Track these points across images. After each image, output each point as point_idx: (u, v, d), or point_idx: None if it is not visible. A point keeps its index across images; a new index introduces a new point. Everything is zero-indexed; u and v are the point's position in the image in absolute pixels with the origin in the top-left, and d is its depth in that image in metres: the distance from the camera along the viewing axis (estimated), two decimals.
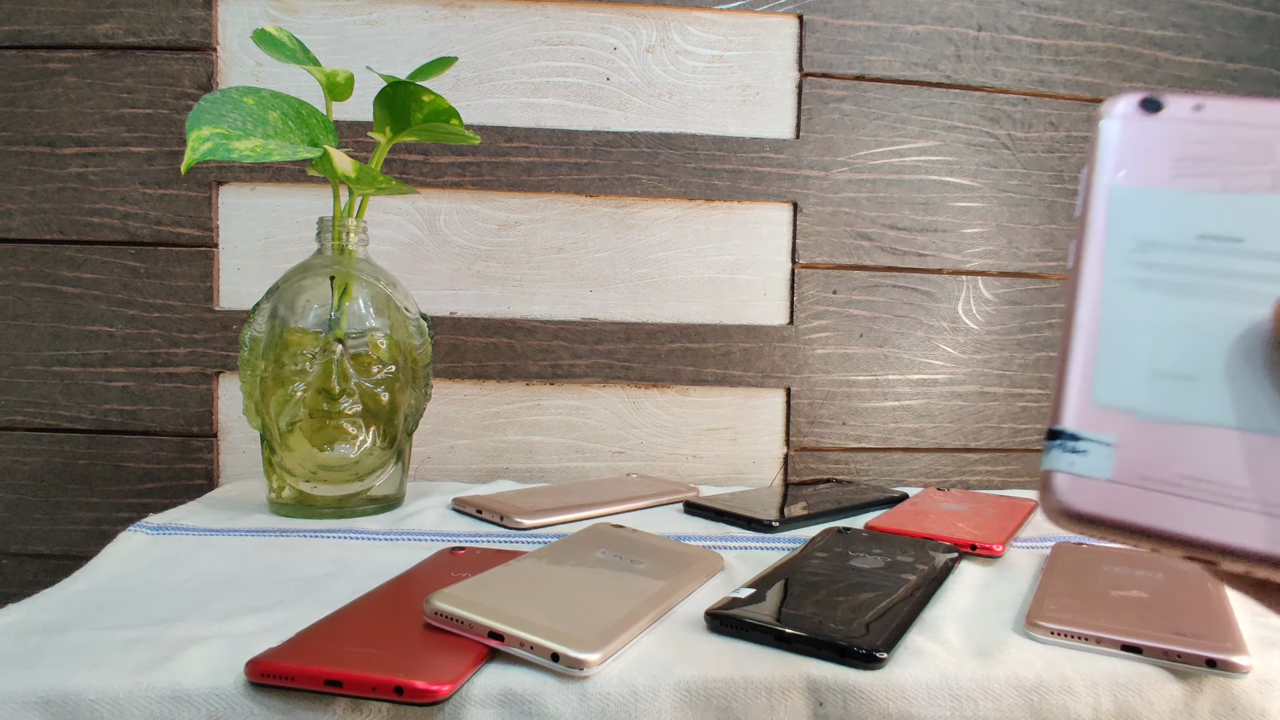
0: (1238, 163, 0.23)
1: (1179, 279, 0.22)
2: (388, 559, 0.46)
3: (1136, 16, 0.79)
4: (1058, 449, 0.21)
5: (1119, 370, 0.21)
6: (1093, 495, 0.20)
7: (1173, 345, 0.21)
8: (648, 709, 0.31)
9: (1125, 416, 0.21)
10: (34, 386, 0.72)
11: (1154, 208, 0.23)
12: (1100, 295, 0.22)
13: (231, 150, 0.46)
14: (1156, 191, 0.23)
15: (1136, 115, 0.24)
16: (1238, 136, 0.23)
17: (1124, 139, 0.24)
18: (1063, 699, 0.33)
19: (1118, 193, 0.23)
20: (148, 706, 0.30)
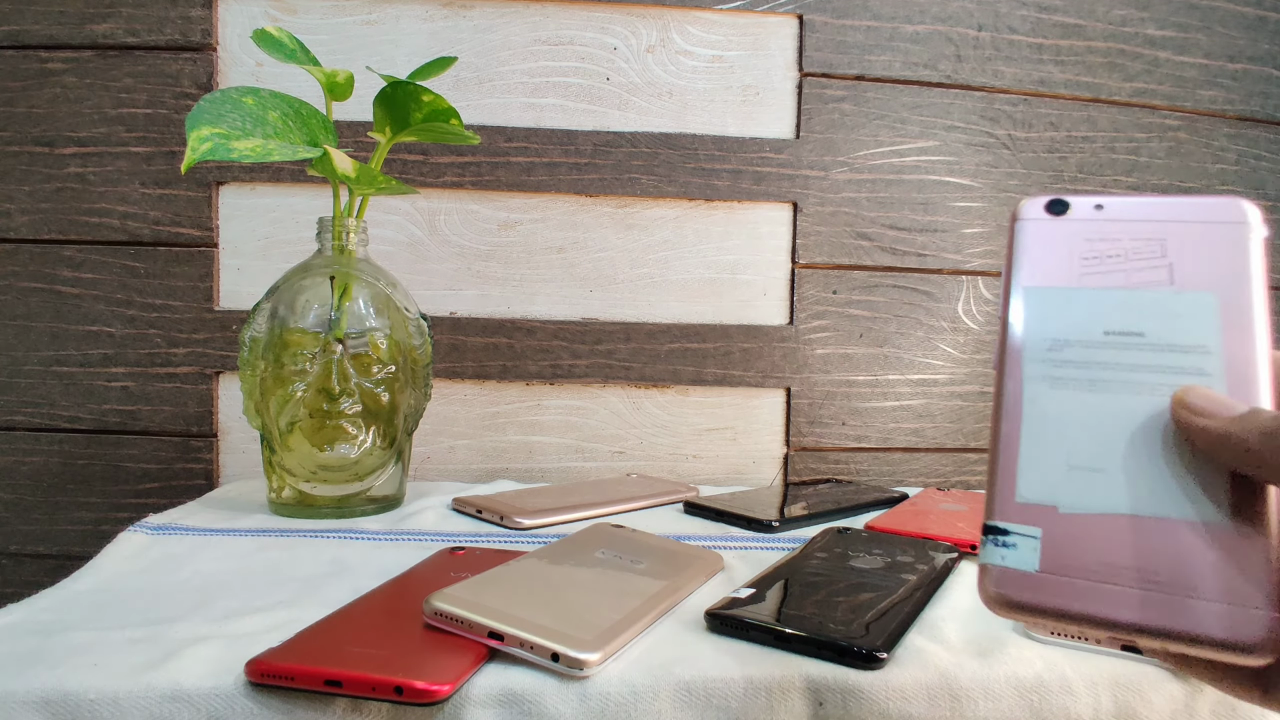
0: (1136, 259, 0.24)
1: (1089, 375, 0.23)
2: (388, 559, 0.46)
3: (1137, 16, 0.79)
4: (990, 543, 0.23)
5: (1040, 467, 0.23)
6: (1022, 586, 0.22)
7: (1085, 439, 0.23)
8: (648, 709, 0.31)
9: (1047, 511, 0.22)
10: (33, 387, 0.72)
11: (1063, 306, 0.24)
12: (1021, 394, 0.24)
13: (231, 150, 0.46)
14: (1065, 290, 0.25)
15: (1045, 218, 0.26)
16: (1135, 233, 0.25)
17: (1034, 241, 0.26)
18: (1063, 699, 0.33)
19: (1031, 293, 0.25)
20: (148, 706, 0.30)
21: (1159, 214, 0.25)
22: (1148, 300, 0.24)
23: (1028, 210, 0.26)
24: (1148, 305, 0.24)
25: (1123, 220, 0.25)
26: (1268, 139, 0.82)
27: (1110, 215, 0.25)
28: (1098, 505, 0.22)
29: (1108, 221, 0.25)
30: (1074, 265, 0.25)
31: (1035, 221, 0.26)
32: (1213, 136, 0.81)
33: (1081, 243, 0.25)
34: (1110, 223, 0.25)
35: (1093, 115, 0.79)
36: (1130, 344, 0.24)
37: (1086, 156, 0.79)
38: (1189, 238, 0.24)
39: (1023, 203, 0.27)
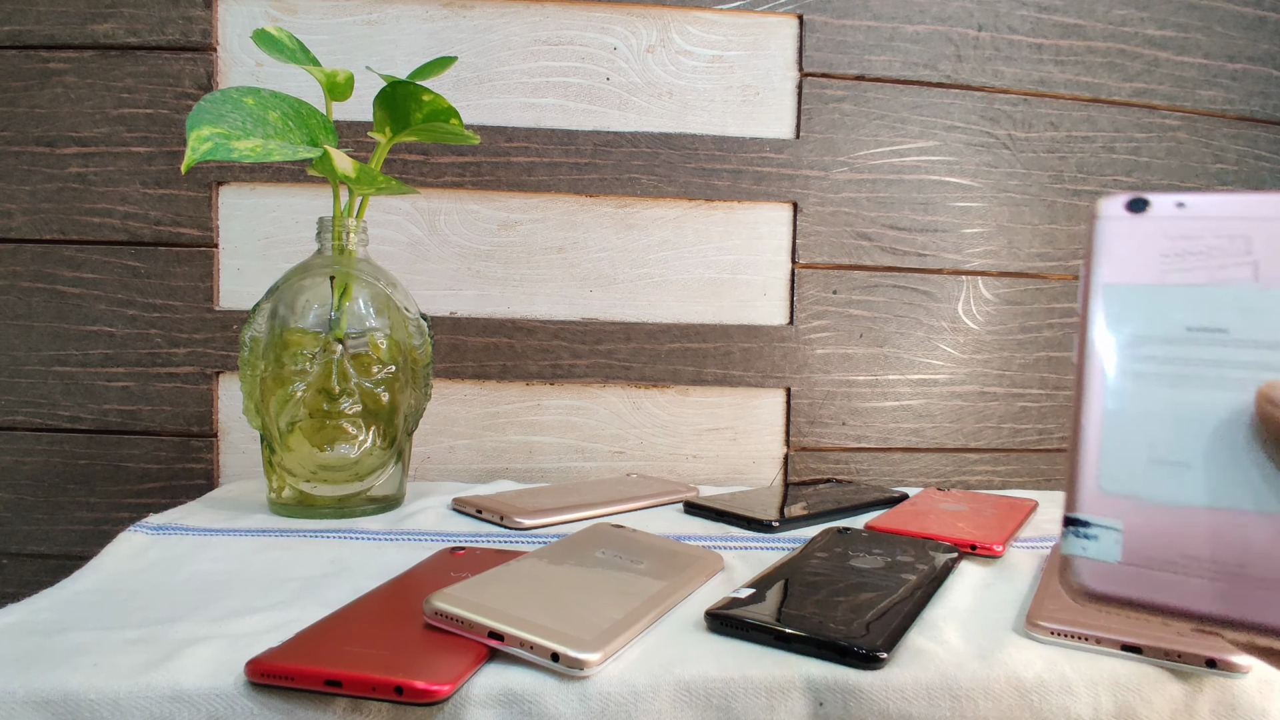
0: (1219, 256, 0.24)
1: (1172, 370, 0.24)
2: (388, 559, 0.46)
3: (1137, 16, 0.79)
4: (1072, 535, 0.23)
5: (1122, 460, 0.23)
6: (1106, 577, 0.22)
7: (1168, 433, 0.23)
8: (648, 709, 0.31)
9: (1130, 502, 0.23)
10: (34, 386, 0.72)
11: (1145, 303, 0.25)
12: (1103, 389, 0.24)
13: (231, 150, 0.46)
14: (1146, 288, 0.25)
15: (1125, 216, 0.26)
16: (1218, 230, 0.25)
17: (1114, 238, 0.26)
18: (1063, 699, 0.33)
19: (1112, 290, 0.25)
20: (148, 707, 0.30)
21: (1243, 211, 0.25)
22: (1231, 297, 0.24)
23: (1107, 208, 0.26)
24: (1231, 302, 0.24)
25: (1205, 218, 0.25)
26: (1268, 139, 0.82)
27: (1192, 213, 0.25)
28: (1181, 498, 0.22)
29: (1190, 219, 0.25)
30: (1155, 262, 0.25)
31: (1115, 219, 0.26)
32: (1213, 136, 0.81)
33: (1163, 240, 0.25)
34: (1192, 220, 0.25)
35: (1093, 115, 0.79)
36: (1214, 340, 0.24)
37: (1086, 156, 0.79)
38: (1274, 235, 0.24)
39: (1102, 201, 0.26)
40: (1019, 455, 0.80)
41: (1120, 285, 0.25)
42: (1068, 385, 0.80)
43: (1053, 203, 0.79)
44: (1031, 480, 0.81)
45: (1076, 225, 0.80)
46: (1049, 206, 0.79)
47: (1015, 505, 0.62)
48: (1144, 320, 0.24)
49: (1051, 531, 0.57)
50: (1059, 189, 0.79)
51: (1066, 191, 0.79)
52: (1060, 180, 0.79)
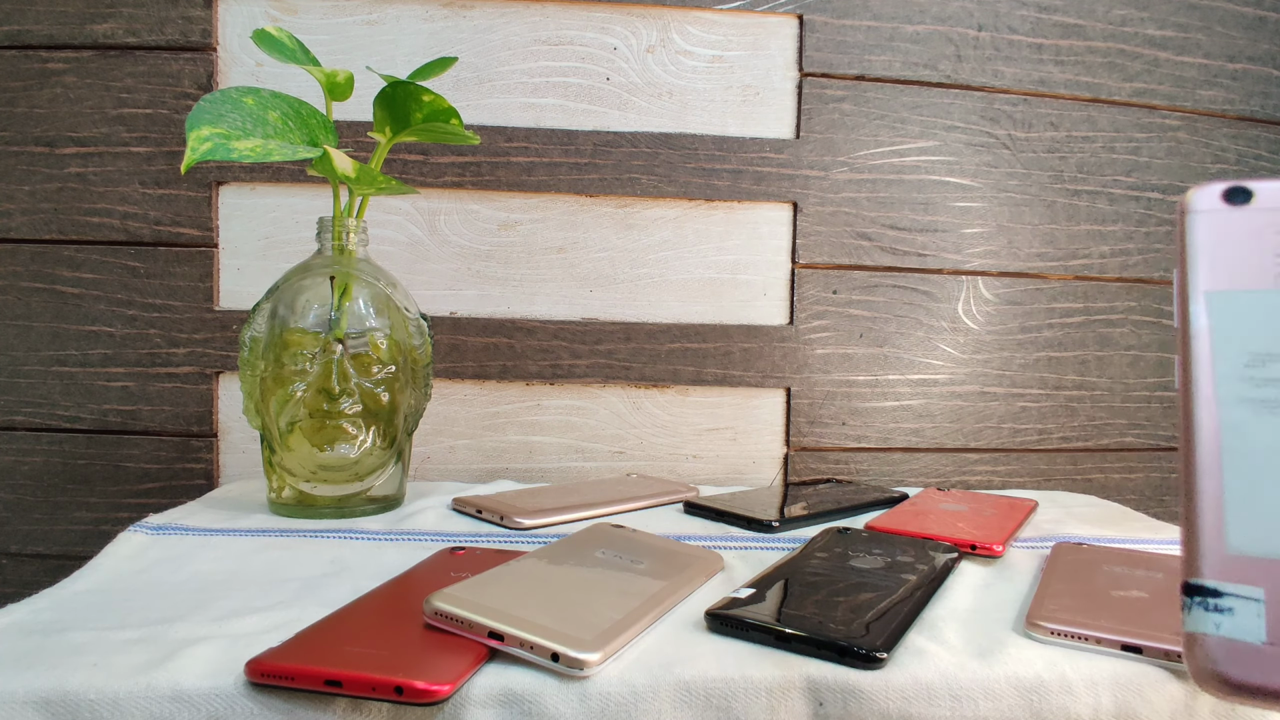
0: None
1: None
2: (388, 559, 0.46)
3: (1137, 16, 0.79)
4: (1199, 607, 0.18)
5: (1255, 510, 0.18)
6: (1249, 662, 0.17)
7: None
8: (648, 709, 0.31)
9: (1272, 565, 0.18)
10: (34, 386, 0.72)
11: (1263, 314, 0.20)
12: (1218, 422, 0.19)
13: (231, 150, 0.46)
14: (1262, 294, 0.20)
15: (1224, 209, 0.21)
16: None
17: (1214, 237, 0.21)
18: (1063, 699, 0.33)
19: (1218, 299, 0.20)
20: (147, 707, 0.30)
21: None
22: None
23: (1200, 201, 0.22)
24: None
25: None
26: (1268, 139, 0.82)
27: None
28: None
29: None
30: (1268, 263, 0.20)
31: (1212, 214, 0.21)
32: (1212, 136, 0.81)
33: (1274, 236, 0.21)
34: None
35: (1093, 115, 0.79)
36: None
37: (1086, 156, 0.79)
38: None
39: (1192, 193, 0.22)
40: (1019, 455, 0.80)
41: (1229, 292, 0.20)
42: (1068, 385, 0.80)
43: (1053, 203, 0.79)
44: (1031, 480, 0.81)
45: (1076, 225, 0.80)
46: (1049, 206, 0.79)
47: (1015, 505, 0.62)
48: (1262, 334, 0.20)
49: (1051, 531, 0.57)
50: (1059, 189, 0.79)
51: (1066, 191, 0.79)
52: (1060, 180, 0.79)
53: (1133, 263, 0.80)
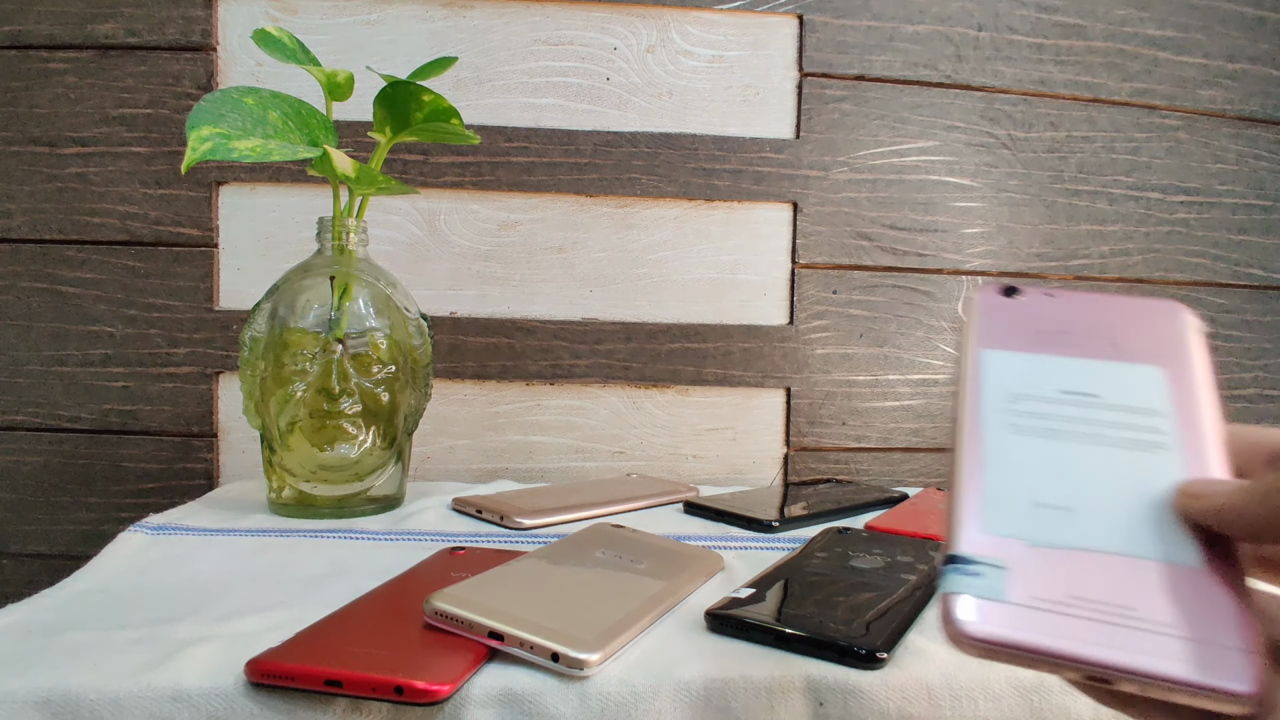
0: (1086, 336, 0.27)
1: (1050, 425, 0.25)
2: (388, 559, 0.46)
3: (1137, 16, 0.79)
4: (954, 573, 0.22)
5: (1006, 503, 0.24)
6: (990, 617, 0.21)
7: (1050, 480, 0.24)
8: (648, 709, 0.31)
9: (1014, 543, 0.23)
10: (34, 386, 0.72)
11: (1021, 368, 0.27)
12: (983, 438, 0.25)
13: (231, 150, 0.46)
14: (1022, 355, 0.27)
15: (1000, 299, 0.29)
16: (1085, 319, 0.27)
17: (992, 316, 0.28)
18: (1063, 699, 0.33)
19: (990, 356, 0.27)
20: (148, 707, 0.30)
21: (1109, 311, 0.28)
22: (1100, 368, 0.26)
23: (985, 296, 0.29)
24: (1101, 372, 0.26)
25: (1074, 308, 0.28)
26: (1267, 139, 0.82)
27: (1062, 304, 0.28)
28: (1067, 541, 0.22)
29: (1061, 307, 0.28)
30: (1028, 336, 0.27)
31: (993, 301, 0.29)
32: (1212, 136, 0.81)
33: (1035, 319, 0.28)
34: (1063, 308, 0.28)
35: (1093, 115, 0.79)
36: (1087, 402, 0.25)
37: (1086, 156, 0.79)
38: (1135, 324, 0.27)
39: (978, 291, 0.29)
40: None
41: (998, 352, 0.27)
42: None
43: (1053, 203, 0.79)
44: None
45: (1076, 225, 0.80)
46: (1049, 206, 0.79)
47: None
48: (1020, 381, 0.26)
49: None
50: (1059, 189, 0.79)
51: (1066, 191, 0.79)
52: (1060, 180, 0.79)
53: (1132, 263, 0.80)
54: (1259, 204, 0.82)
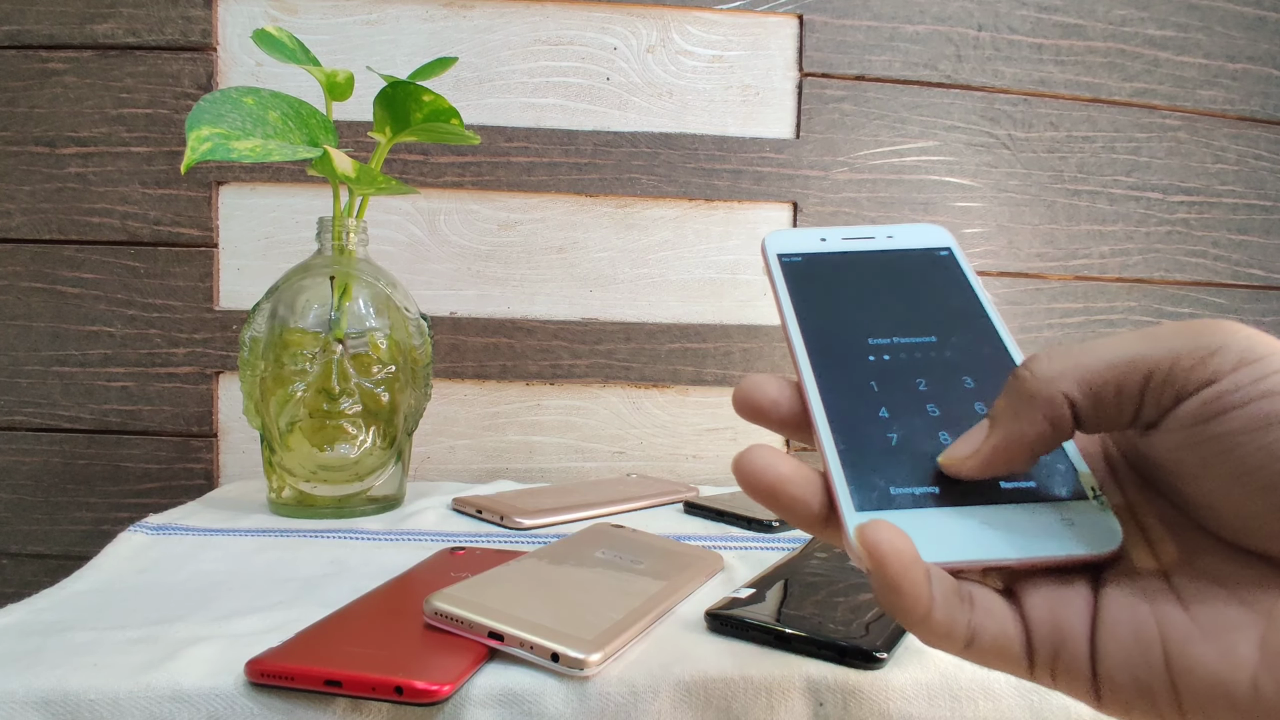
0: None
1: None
2: (388, 559, 0.46)
3: (1137, 16, 0.79)
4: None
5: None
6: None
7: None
8: (647, 709, 0.31)
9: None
10: (33, 386, 0.72)
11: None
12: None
13: (231, 150, 0.46)
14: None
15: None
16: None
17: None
18: (1063, 699, 0.33)
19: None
20: (147, 707, 0.30)
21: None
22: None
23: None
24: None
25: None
26: (1268, 139, 0.82)
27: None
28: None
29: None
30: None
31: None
32: (1213, 136, 0.81)
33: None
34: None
35: (1093, 115, 0.79)
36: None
37: (1087, 156, 0.79)
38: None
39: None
40: None
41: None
42: None
43: (1053, 203, 0.79)
44: None
45: (1077, 225, 0.80)
46: (1049, 206, 0.79)
47: None
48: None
49: None
50: (1059, 189, 0.79)
51: (1066, 191, 0.79)
52: (1060, 180, 0.79)
53: (1133, 263, 0.80)
54: (1259, 204, 0.82)
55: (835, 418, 0.24)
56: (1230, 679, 0.18)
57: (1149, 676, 0.19)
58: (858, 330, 0.26)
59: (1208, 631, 0.19)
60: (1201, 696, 0.18)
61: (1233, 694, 0.18)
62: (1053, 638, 0.21)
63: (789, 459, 0.23)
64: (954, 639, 0.20)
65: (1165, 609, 0.20)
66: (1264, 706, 0.18)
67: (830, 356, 0.26)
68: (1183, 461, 0.20)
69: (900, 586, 0.20)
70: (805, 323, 0.26)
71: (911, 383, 0.25)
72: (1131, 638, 0.20)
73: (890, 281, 0.27)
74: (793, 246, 0.29)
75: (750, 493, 0.23)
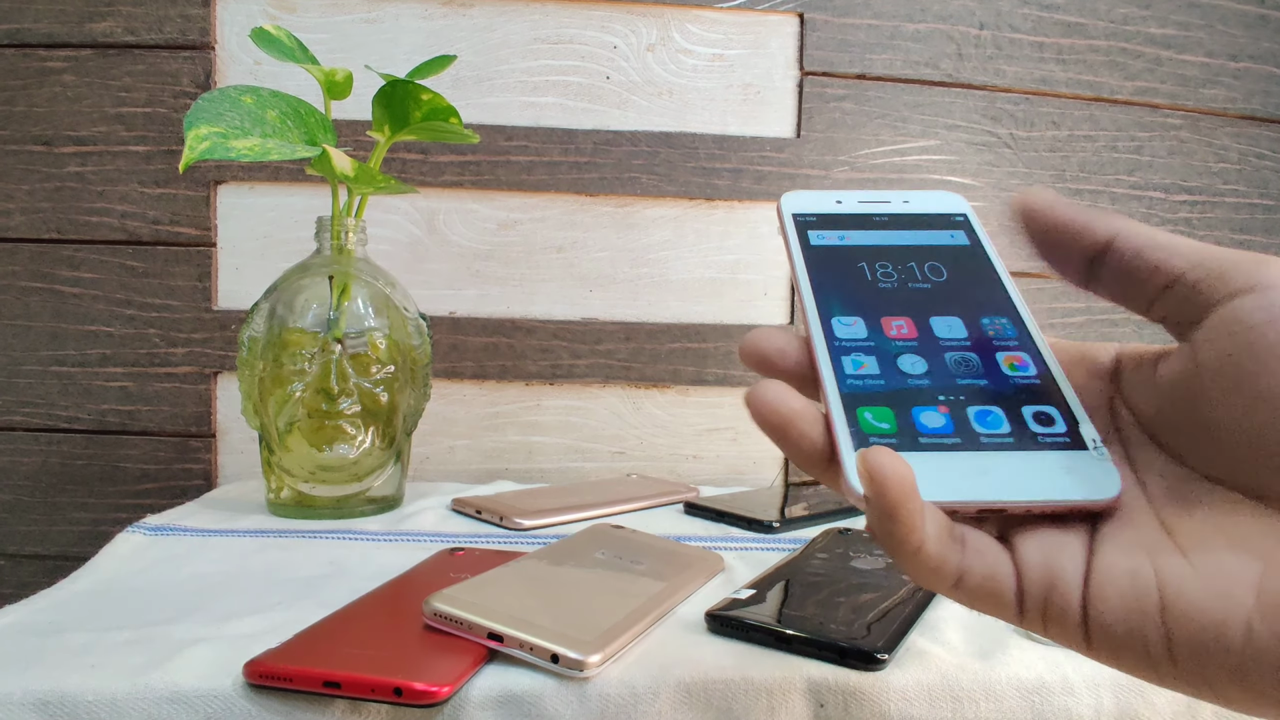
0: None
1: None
2: (387, 560, 0.46)
3: (1138, 15, 0.79)
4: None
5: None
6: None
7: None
8: (648, 710, 0.31)
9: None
10: (32, 386, 0.72)
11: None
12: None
13: (230, 149, 0.46)
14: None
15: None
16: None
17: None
18: (1065, 700, 0.33)
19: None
20: (145, 708, 0.29)
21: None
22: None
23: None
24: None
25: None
26: (1270, 138, 0.81)
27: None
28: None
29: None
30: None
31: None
32: (1215, 135, 0.81)
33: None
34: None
35: (1094, 114, 0.79)
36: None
37: (1088, 155, 0.79)
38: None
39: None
40: None
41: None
42: None
43: None
44: None
45: None
46: None
47: None
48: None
49: None
50: (1061, 188, 0.79)
51: (1069, 191, 0.79)
52: (1062, 179, 0.79)
53: None
54: (1262, 203, 0.82)
55: (837, 360, 0.25)
56: (1224, 623, 0.18)
57: (1142, 622, 0.19)
58: (866, 282, 0.27)
59: (1205, 577, 0.19)
60: (1194, 640, 0.18)
61: (1225, 638, 0.18)
62: (1044, 581, 0.21)
63: (800, 396, 0.23)
64: (944, 575, 0.21)
65: (1164, 557, 0.20)
66: (1256, 651, 0.18)
67: (837, 304, 0.26)
68: (1219, 372, 0.20)
69: (897, 514, 0.20)
70: (814, 274, 0.27)
71: (916, 328, 0.25)
72: (1128, 583, 0.20)
73: (903, 241, 0.28)
74: (808, 207, 0.29)
75: (760, 424, 0.23)
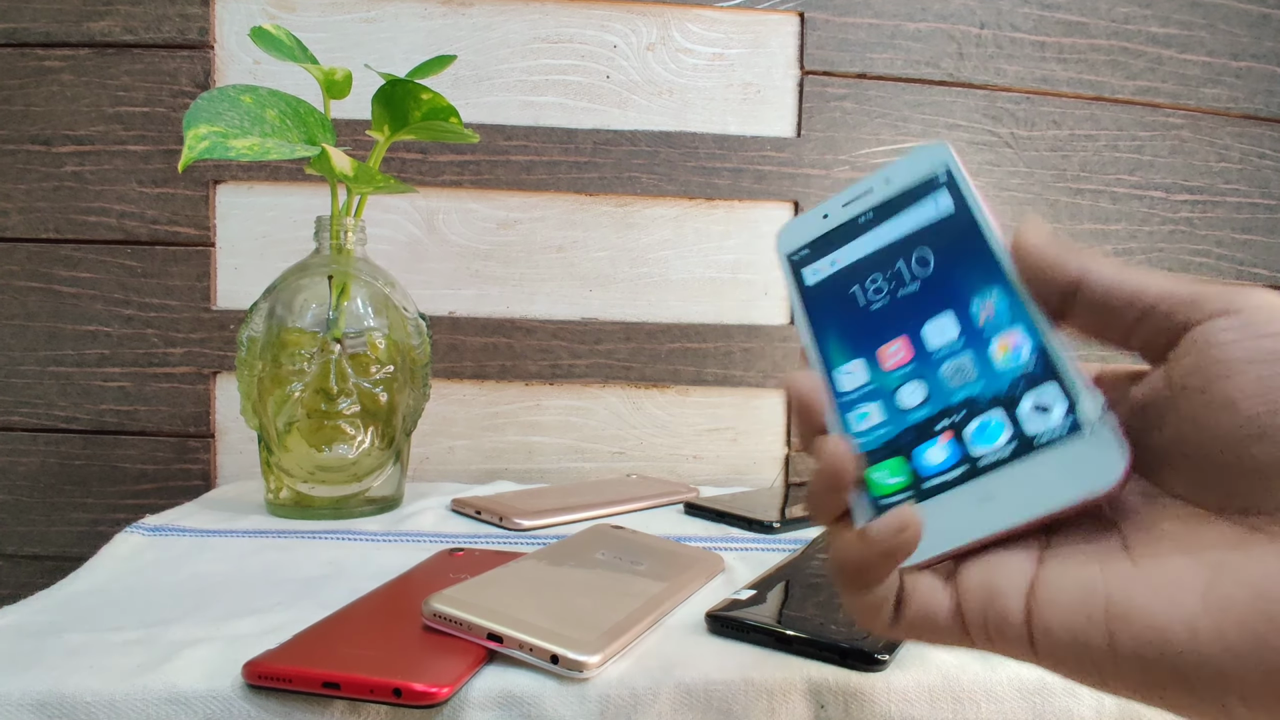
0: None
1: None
2: (386, 560, 0.46)
3: (1140, 14, 0.79)
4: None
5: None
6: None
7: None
8: (648, 711, 0.31)
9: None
10: (30, 387, 0.72)
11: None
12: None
13: (229, 149, 0.46)
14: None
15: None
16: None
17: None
18: (1066, 701, 0.33)
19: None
20: (144, 709, 0.29)
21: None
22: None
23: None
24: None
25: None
26: (1271, 137, 0.81)
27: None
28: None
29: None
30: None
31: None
32: (1216, 135, 0.80)
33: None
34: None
35: (1095, 113, 0.79)
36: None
37: (1089, 155, 0.79)
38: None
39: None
40: None
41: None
42: None
43: (1055, 201, 0.79)
44: None
45: (1079, 224, 0.79)
46: (1052, 205, 0.79)
47: None
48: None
49: None
50: (1062, 188, 0.79)
51: (1069, 190, 0.79)
52: (1063, 179, 0.79)
53: (1136, 262, 0.80)
54: (1263, 203, 0.82)
55: (844, 419, 0.25)
56: (1168, 624, 0.18)
57: (1086, 626, 0.19)
58: (859, 310, 0.27)
59: (1152, 582, 0.19)
60: (1138, 642, 0.19)
61: (1169, 637, 0.18)
62: (981, 597, 0.21)
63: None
64: (882, 618, 0.22)
65: (1114, 565, 0.20)
66: (1199, 648, 0.18)
67: (837, 352, 0.27)
68: (1188, 385, 0.20)
69: (878, 583, 0.22)
70: (814, 317, 0.28)
71: (911, 347, 0.26)
72: (1075, 589, 0.20)
73: (889, 238, 0.28)
74: (798, 239, 0.29)
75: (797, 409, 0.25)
